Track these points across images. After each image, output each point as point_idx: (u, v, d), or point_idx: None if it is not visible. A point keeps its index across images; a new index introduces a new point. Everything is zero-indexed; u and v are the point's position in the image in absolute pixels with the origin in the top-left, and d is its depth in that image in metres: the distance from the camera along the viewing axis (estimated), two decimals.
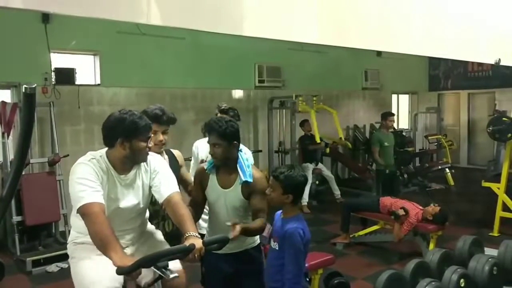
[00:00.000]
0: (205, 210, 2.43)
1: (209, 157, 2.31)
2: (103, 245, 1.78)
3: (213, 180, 2.26)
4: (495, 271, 3.02)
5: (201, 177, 2.29)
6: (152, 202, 2.22)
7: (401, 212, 4.18)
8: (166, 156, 2.48)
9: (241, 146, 2.58)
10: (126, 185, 2.01)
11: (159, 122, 2.33)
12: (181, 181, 2.54)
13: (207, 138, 2.71)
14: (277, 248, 2.10)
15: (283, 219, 2.12)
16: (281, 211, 2.16)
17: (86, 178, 1.86)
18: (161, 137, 2.35)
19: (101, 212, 1.82)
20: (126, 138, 1.93)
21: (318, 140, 6.38)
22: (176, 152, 2.58)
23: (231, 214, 2.21)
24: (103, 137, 1.99)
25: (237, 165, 2.20)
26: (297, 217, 2.11)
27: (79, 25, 5.16)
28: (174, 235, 2.28)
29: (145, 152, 2.01)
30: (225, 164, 2.22)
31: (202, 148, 2.88)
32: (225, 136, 2.15)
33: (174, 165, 2.47)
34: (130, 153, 1.95)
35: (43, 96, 5.12)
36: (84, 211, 1.82)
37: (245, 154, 2.27)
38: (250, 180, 2.16)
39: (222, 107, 2.90)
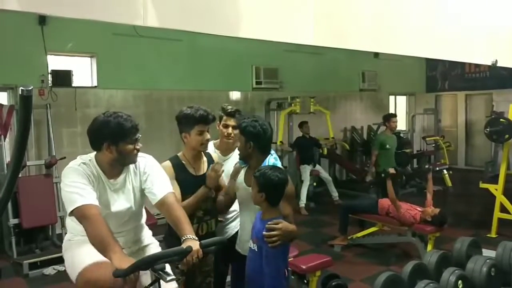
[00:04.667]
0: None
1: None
2: (102, 247, 1.76)
3: (241, 176, 2.30)
4: (493, 273, 3.02)
5: (236, 172, 2.35)
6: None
7: (392, 170, 4.24)
8: (205, 158, 2.48)
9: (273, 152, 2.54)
10: (116, 189, 1.99)
11: (206, 122, 2.34)
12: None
13: (211, 142, 2.71)
14: (256, 250, 2.08)
15: (262, 221, 2.08)
16: (261, 212, 2.13)
17: (79, 181, 1.84)
18: (208, 135, 2.37)
19: (98, 214, 1.80)
20: (112, 142, 1.90)
21: (331, 135, 6.98)
22: (214, 156, 2.56)
23: (255, 215, 2.20)
24: (89, 141, 1.96)
25: (261, 165, 2.20)
26: (276, 219, 2.06)
27: (75, 27, 5.15)
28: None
29: (134, 154, 1.98)
30: (248, 162, 2.27)
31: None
32: (242, 132, 2.23)
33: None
34: (118, 156, 1.93)
35: (40, 98, 5.10)
36: (80, 213, 1.80)
37: (275, 160, 2.26)
38: None
39: (228, 110, 2.61)
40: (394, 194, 4.32)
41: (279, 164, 2.26)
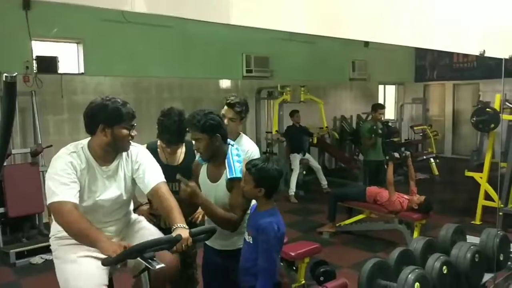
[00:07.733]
0: None
1: None
2: (88, 241, 1.80)
3: (203, 172, 2.24)
4: (477, 258, 3.09)
5: (196, 168, 2.28)
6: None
7: (397, 154, 4.35)
8: (183, 149, 2.45)
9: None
10: (108, 176, 1.98)
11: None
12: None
13: None
14: (251, 242, 2.06)
15: (258, 213, 2.07)
16: (255, 203, 2.11)
17: (61, 174, 1.83)
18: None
19: (72, 210, 1.80)
20: (107, 125, 1.90)
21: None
22: None
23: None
24: (84, 124, 1.95)
25: (225, 160, 2.14)
26: (272, 211, 2.06)
27: (61, 12, 5.00)
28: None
29: (127, 140, 1.98)
30: (214, 158, 2.18)
31: None
32: (205, 130, 2.09)
33: (192, 159, 2.42)
34: (112, 140, 1.92)
35: (25, 85, 4.99)
36: (53, 209, 1.82)
37: (237, 150, 2.20)
38: (237, 175, 2.10)
39: (227, 100, 2.53)
40: (392, 178, 4.39)
41: (240, 151, 2.22)
